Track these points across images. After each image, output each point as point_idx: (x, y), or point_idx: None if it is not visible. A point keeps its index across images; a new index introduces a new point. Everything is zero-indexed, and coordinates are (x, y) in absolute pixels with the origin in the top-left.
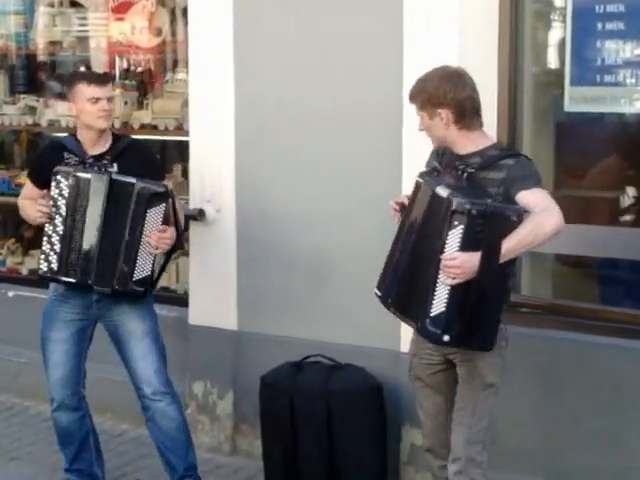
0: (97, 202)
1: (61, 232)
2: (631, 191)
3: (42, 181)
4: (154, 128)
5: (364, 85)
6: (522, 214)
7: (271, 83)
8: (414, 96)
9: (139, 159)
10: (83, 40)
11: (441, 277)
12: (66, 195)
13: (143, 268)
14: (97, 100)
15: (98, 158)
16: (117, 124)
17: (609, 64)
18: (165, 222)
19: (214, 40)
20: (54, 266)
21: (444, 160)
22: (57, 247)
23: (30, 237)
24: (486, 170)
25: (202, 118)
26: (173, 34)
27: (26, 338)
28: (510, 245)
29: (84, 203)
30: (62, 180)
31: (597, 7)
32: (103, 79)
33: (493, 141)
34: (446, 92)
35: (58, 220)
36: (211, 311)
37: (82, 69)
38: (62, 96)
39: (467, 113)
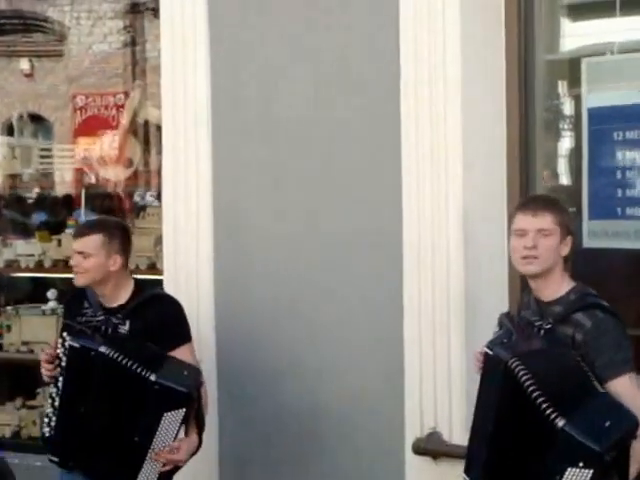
0: (92, 377)
1: (57, 400)
2: None
3: None
4: None
5: (362, 213)
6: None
7: (252, 212)
8: (552, 209)
9: (156, 318)
10: (46, 173)
11: None
12: (64, 359)
13: (148, 475)
14: (74, 254)
15: (113, 312)
16: None
17: (631, 195)
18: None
19: (190, 172)
20: (48, 434)
21: (526, 314)
22: (55, 414)
23: None
24: (563, 324)
25: (176, 257)
26: (145, 164)
27: None
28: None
29: (77, 374)
30: (67, 339)
31: (615, 134)
32: (79, 231)
33: (573, 284)
34: (572, 221)
35: (60, 383)
36: (190, 474)
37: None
38: (21, 234)
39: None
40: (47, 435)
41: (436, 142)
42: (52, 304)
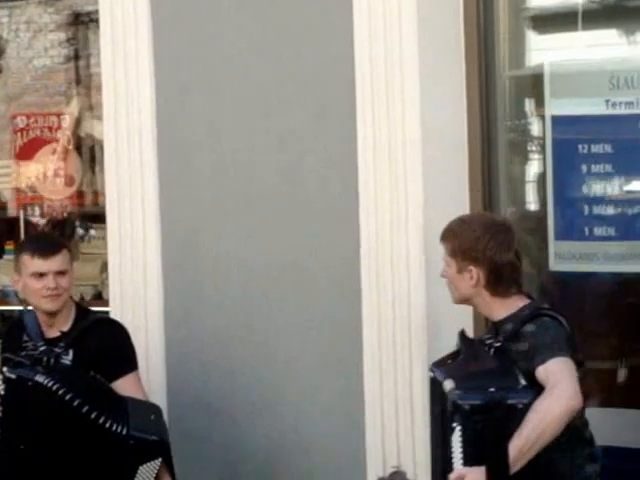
0: (31, 411)
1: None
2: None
3: None
4: None
5: (319, 237)
6: (532, 398)
7: (203, 238)
8: (446, 237)
9: (101, 345)
10: None
11: None
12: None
13: None
14: (41, 276)
15: (54, 342)
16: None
17: (599, 214)
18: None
19: (135, 194)
20: None
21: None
22: None
23: None
24: (514, 341)
25: (123, 286)
26: (90, 183)
27: None
28: (518, 444)
29: (15, 407)
30: (5, 371)
31: (580, 146)
32: (50, 249)
33: (528, 301)
34: (486, 249)
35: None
36: None
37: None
38: None
39: (503, 280)
40: None
41: (394, 166)
42: None
